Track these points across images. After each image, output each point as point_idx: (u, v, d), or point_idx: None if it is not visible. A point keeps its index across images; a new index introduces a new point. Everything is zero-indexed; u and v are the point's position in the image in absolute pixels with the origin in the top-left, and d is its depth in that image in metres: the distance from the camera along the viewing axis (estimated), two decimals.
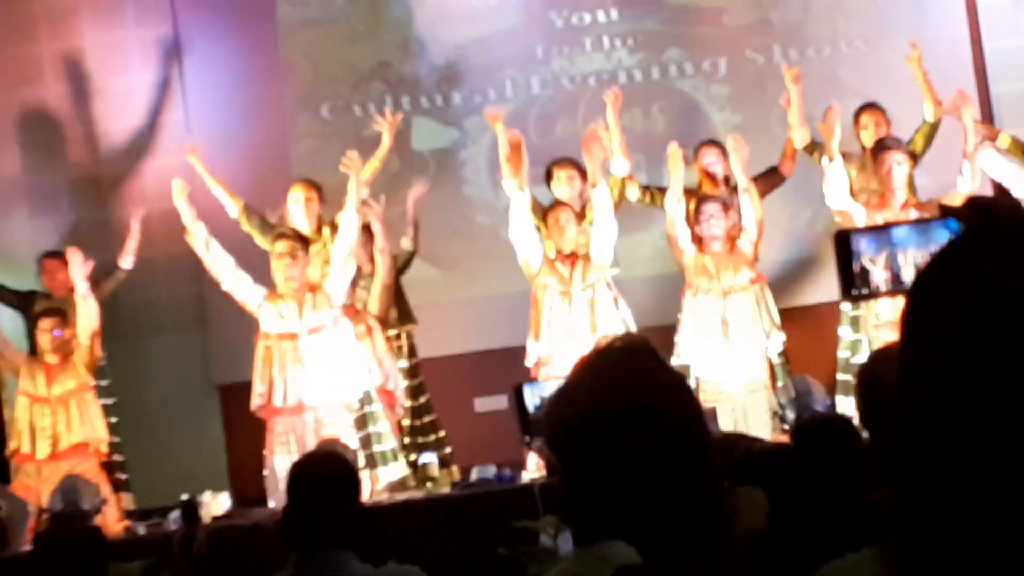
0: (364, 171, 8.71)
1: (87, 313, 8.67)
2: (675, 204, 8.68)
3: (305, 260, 8.52)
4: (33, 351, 8.92)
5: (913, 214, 8.40)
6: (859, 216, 8.48)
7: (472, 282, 10.28)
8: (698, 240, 8.74)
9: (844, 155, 9.12)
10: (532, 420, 3.91)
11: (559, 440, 1.97)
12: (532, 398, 2.25)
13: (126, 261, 9.44)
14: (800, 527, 2.83)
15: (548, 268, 8.65)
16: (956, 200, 8.37)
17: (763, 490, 3.17)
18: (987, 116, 9.83)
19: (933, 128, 8.98)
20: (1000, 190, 8.88)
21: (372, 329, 8.80)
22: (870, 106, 9.18)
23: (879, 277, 4.49)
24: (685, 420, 1.92)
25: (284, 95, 10.56)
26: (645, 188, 9.29)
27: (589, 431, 1.91)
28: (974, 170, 8.37)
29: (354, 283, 8.79)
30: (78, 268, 8.67)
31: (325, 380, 8.33)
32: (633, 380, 1.93)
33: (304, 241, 8.58)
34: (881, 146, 8.55)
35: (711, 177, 9.15)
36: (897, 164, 8.42)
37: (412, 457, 9.03)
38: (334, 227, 8.97)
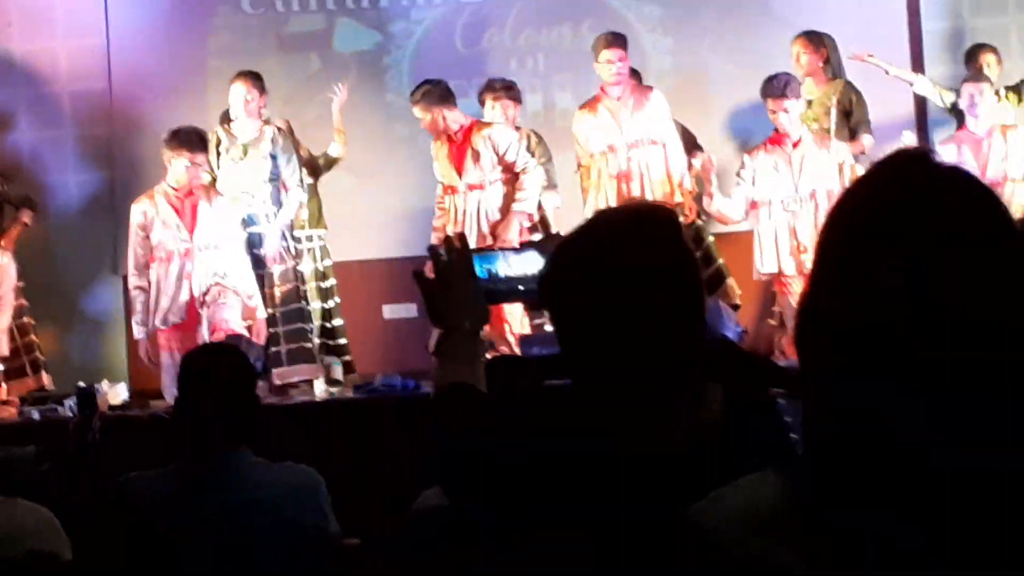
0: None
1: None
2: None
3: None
4: None
5: (810, 146, 8.34)
6: (736, 212, 8.52)
7: (388, 191, 10.11)
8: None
9: None
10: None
11: (556, 274, 2.06)
12: (480, 270, 2.20)
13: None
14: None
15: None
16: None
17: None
18: (916, 52, 9.80)
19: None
20: None
21: None
22: (802, 36, 9.02)
23: None
24: (687, 294, 2.00)
25: None
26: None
27: (587, 276, 1.98)
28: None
29: None
30: None
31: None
32: (644, 241, 1.98)
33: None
34: (764, 92, 8.41)
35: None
36: (784, 112, 8.32)
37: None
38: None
